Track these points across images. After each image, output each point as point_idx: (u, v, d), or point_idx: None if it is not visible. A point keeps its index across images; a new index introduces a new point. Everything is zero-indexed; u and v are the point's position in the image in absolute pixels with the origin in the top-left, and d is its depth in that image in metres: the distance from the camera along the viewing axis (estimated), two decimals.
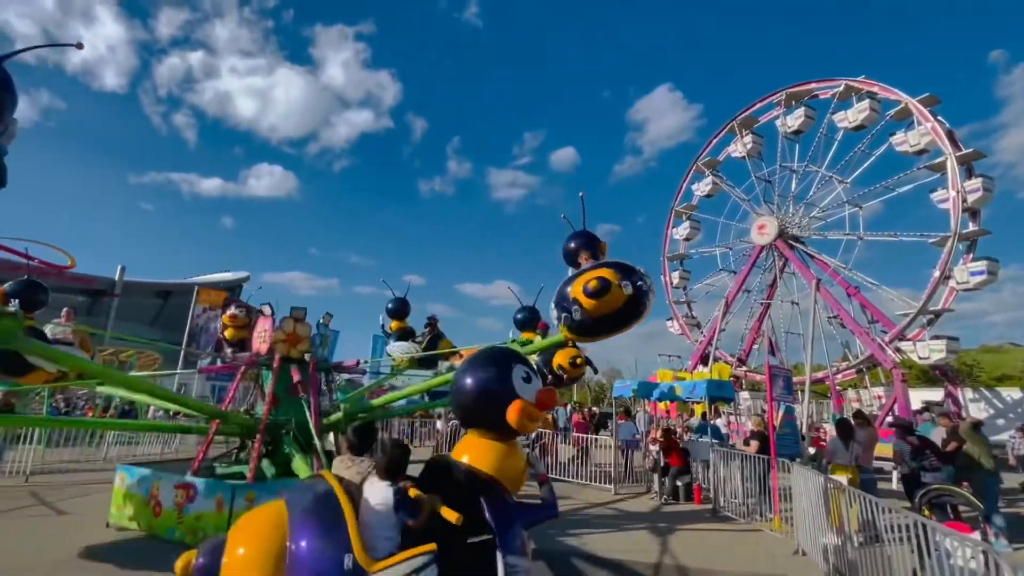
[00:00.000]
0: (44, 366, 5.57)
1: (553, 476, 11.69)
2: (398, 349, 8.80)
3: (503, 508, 2.94)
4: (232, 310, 8.57)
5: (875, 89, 25.27)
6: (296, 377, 6.89)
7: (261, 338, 6.87)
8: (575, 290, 4.30)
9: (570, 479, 11.48)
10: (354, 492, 2.80)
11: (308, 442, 6.75)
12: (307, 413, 6.72)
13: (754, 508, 8.31)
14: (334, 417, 7.05)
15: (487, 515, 2.83)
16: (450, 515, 2.67)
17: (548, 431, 12.45)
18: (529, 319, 8.97)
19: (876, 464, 9.43)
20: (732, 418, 17.55)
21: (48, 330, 6.31)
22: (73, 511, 7.51)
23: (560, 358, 7.06)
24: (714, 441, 9.75)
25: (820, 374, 25.61)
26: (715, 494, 9.03)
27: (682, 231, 33.27)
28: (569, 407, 18.35)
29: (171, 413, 17.00)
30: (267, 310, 7.09)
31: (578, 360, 6.84)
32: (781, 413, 8.61)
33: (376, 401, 8.96)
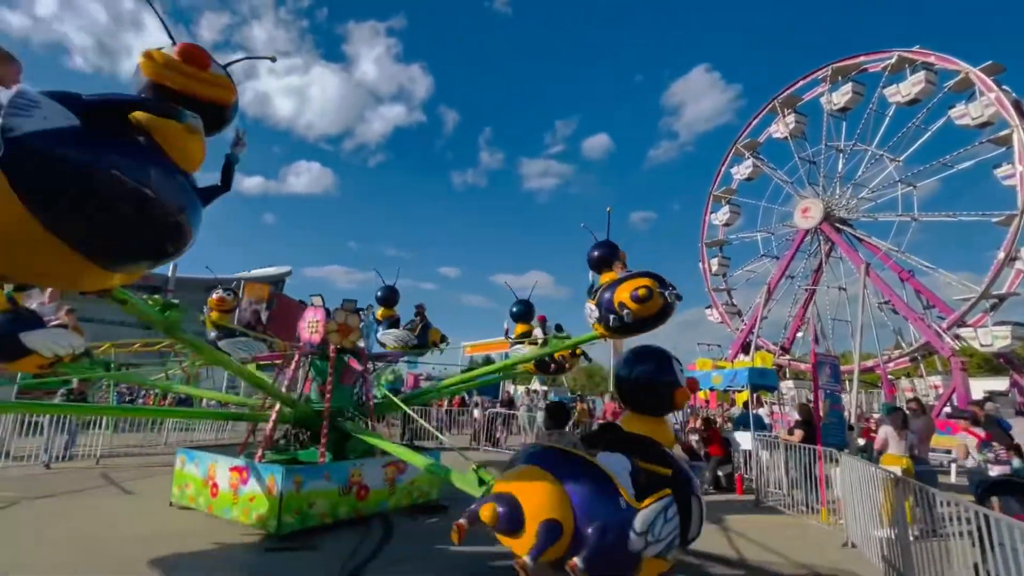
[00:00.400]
0: (41, 351, 5.20)
1: None
2: (392, 337, 9.02)
3: (682, 463, 3.88)
4: (219, 293, 8.60)
5: (931, 59, 23.66)
6: (357, 366, 7.27)
7: (313, 328, 7.11)
8: (622, 296, 5.00)
9: None
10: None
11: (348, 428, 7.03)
12: (351, 400, 7.00)
13: (800, 499, 8.08)
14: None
15: (677, 465, 3.72)
16: (661, 471, 3.50)
17: (586, 419, 12.45)
18: (524, 312, 9.55)
19: (934, 457, 8.99)
20: (775, 408, 17.04)
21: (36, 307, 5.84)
22: (139, 491, 8.05)
23: (620, 294, 6.09)
24: (757, 432, 9.51)
25: (870, 363, 24.49)
26: (758, 484, 8.83)
27: (721, 216, 32.25)
28: (607, 396, 18.24)
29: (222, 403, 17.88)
30: (317, 301, 7.34)
31: (640, 292, 5.41)
32: (828, 402, 8.30)
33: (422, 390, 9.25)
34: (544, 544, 2.85)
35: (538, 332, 9.25)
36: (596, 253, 5.70)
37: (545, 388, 30.46)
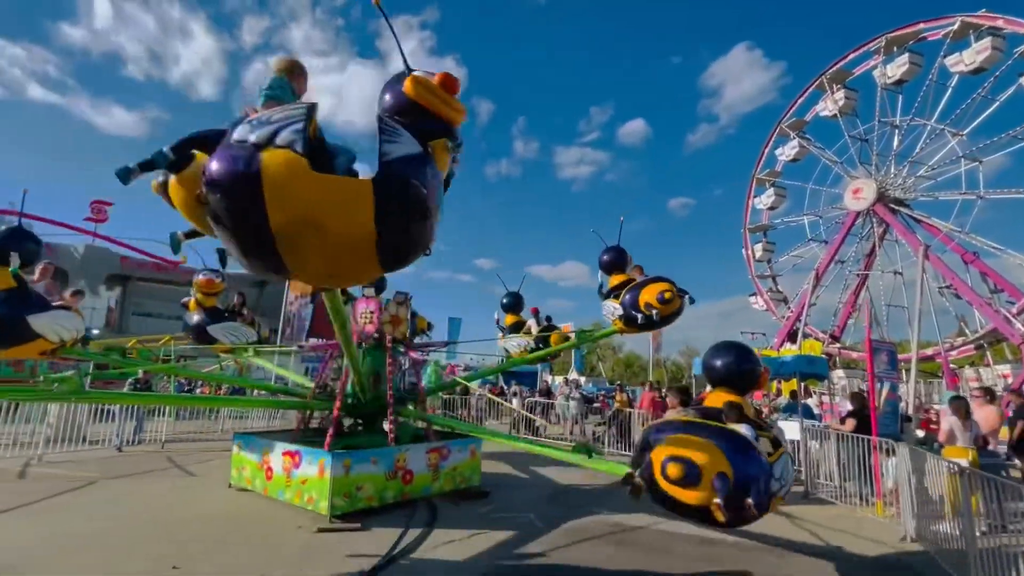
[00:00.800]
0: (48, 336, 5.17)
1: (629, 455, 11.60)
2: (514, 343, 9.25)
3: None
4: (208, 275, 8.59)
5: (998, 23, 21.88)
6: (417, 356, 7.58)
7: (367, 319, 7.34)
8: (649, 297, 6.07)
9: None
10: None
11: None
12: (396, 389, 7.22)
13: (852, 491, 7.77)
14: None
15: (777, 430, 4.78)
16: (768, 435, 4.27)
17: (626, 409, 12.34)
18: (514, 304, 10.08)
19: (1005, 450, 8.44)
20: (824, 398, 16.40)
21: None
22: (200, 473, 8.56)
23: (647, 295, 6.50)
24: (807, 422, 9.18)
25: (930, 351, 23.19)
26: (807, 475, 8.54)
27: (765, 200, 31.03)
28: (646, 386, 18.01)
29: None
30: (370, 292, 7.58)
31: (667, 295, 6.22)
32: (885, 391, 7.92)
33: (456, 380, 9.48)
34: (723, 492, 3.61)
35: (532, 323, 9.54)
36: (607, 257, 6.67)
37: (583, 378, 30.37)
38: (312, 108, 3.01)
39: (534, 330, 9.42)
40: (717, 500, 3.60)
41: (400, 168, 2.90)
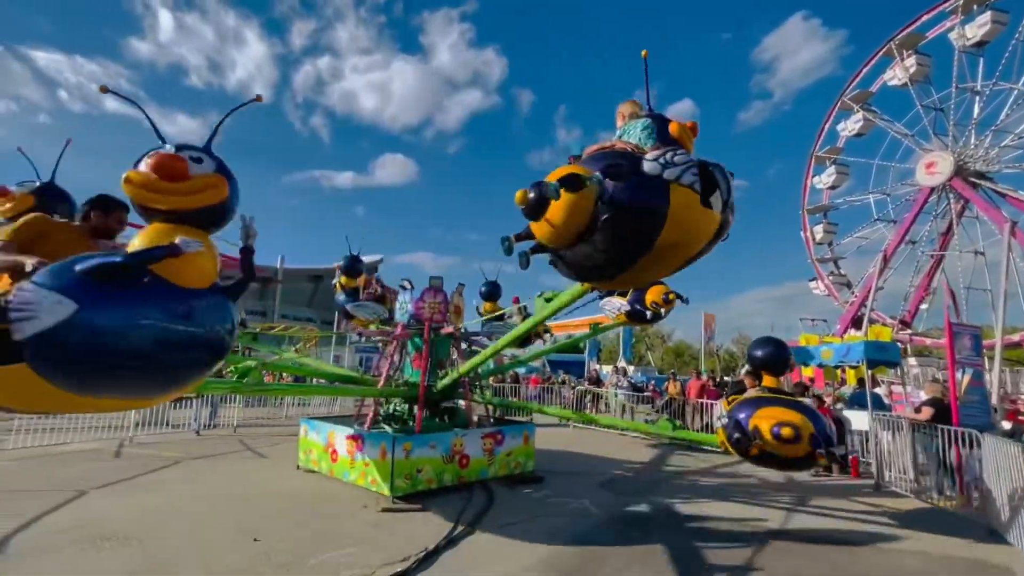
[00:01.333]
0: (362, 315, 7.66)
1: (682, 444, 11.39)
2: (614, 306, 9.02)
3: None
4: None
5: None
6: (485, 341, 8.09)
7: (434, 308, 7.59)
8: (654, 297, 7.68)
9: (701, 448, 11.10)
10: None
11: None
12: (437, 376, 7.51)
13: (929, 484, 7.31)
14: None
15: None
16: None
17: (678, 398, 12.10)
18: (492, 292, 10.15)
19: None
20: (895, 387, 15.42)
21: None
22: (271, 456, 9.12)
23: (652, 295, 8.00)
24: (877, 412, 8.67)
25: (1016, 336, 21.30)
26: (879, 467, 8.09)
27: (826, 178, 29.16)
28: (695, 374, 17.56)
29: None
30: (407, 284, 7.79)
31: (670, 296, 7.87)
32: (967, 378, 7.37)
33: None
34: (816, 446, 4.83)
35: (514, 310, 9.56)
36: (759, 352, 6.67)
37: (631, 367, 29.94)
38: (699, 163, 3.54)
39: (516, 320, 9.42)
40: (820, 451, 4.82)
41: (52, 339, 2.52)
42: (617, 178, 3.47)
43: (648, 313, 8.11)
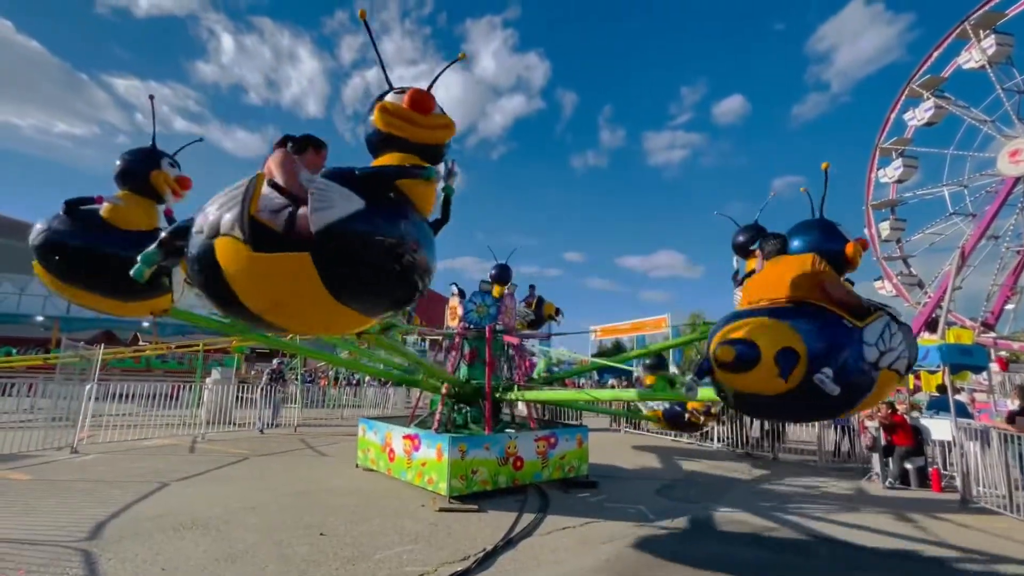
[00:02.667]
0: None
1: (743, 450, 10.94)
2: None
3: None
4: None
5: None
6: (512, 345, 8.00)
7: (509, 315, 7.75)
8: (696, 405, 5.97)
9: (763, 453, 10.62)
10: None
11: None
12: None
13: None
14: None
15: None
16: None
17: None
18: (502, 275, 9.11)
19: None
20: (977, 395, 14.20)
21: None
22: (331, 454, 9.47)
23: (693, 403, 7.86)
24: (961, 420, 8.01)
25: None
26: (965, 481, 7.46)
27: (892, 172, 27.38)
28: None
29: (382, 381, 20.24)
30: (454, 289, 7.95)
31: (712, 410, 7.96)
32: None
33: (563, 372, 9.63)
34: (786, 368, 3.24)
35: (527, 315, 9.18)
36: (742, 238, 5.49)
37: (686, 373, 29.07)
38: (251, 183, 2.89)
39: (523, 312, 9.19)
40: (815, 376, 3.16)
41: (339, 231, 2.71)
42: (835, 366, 3.24)
43: (686, 416, 8.31)
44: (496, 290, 10.10)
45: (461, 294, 8.20)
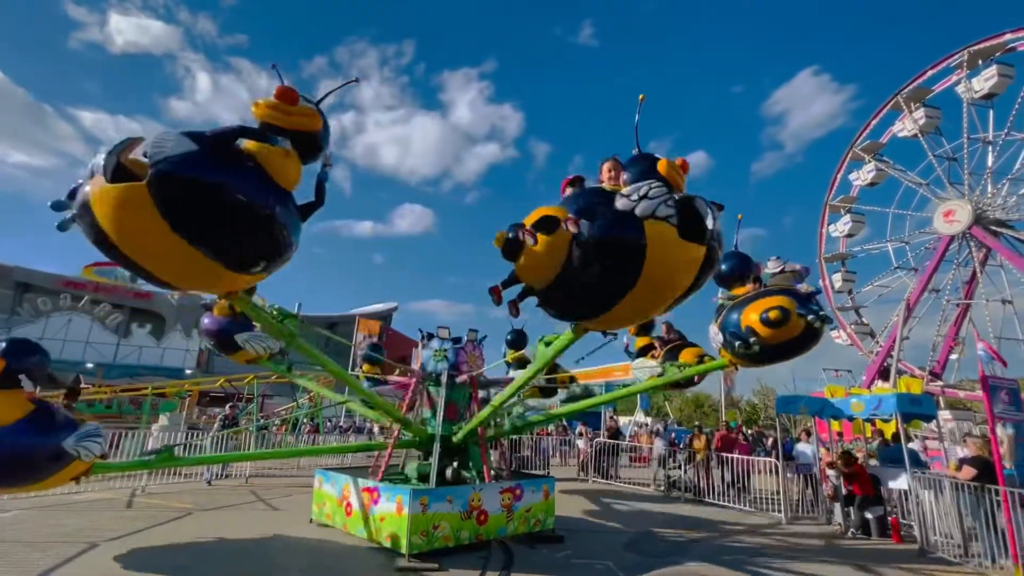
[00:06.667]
0: (246, 348, 7.47)
1: (709, 500, 10.86)
2: (642, 368, 8.64)
3: None
4: None
5: None
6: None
7: (440, 357, 7.55)
8: (749, 318, 4.63)
9: (729, 504, 10.56)
10: None
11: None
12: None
13: (981, 551, 6.80)
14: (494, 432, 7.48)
15: None
16: None
17: (703, 451, 11.66)
18: (517, 340, 9.66)
19: None
20: (929, 442, 14.69)
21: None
22: (283, 508, 8.88)
23: (686, 358, 7.05)
24: (916, 470, 8.22)
25: None
26: (923, 531, 7.58)
27: (841, 227, 29.18)
28: (724, 426, 16.96)
29: (343, 428, 19.43)
30: (444, 333, 7.81)
31: (705, 359, 6.85)
32: (1011, 434, 7.01)
33: (534, 417, 9.41)
34: (806, 314, 4.39)
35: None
36: (724, 266, 5.27)
37: (649, 419, 29.08)
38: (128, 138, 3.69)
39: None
40: (812, 317, 4.34)
41: (171, 168, 3.38)
42: (591, 217, 3.53)
43: (736, 344, 7.01)
44: (511, 355, 9.97)
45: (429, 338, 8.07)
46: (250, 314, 5.83)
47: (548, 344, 6.29)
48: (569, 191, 4.34)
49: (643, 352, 8.60)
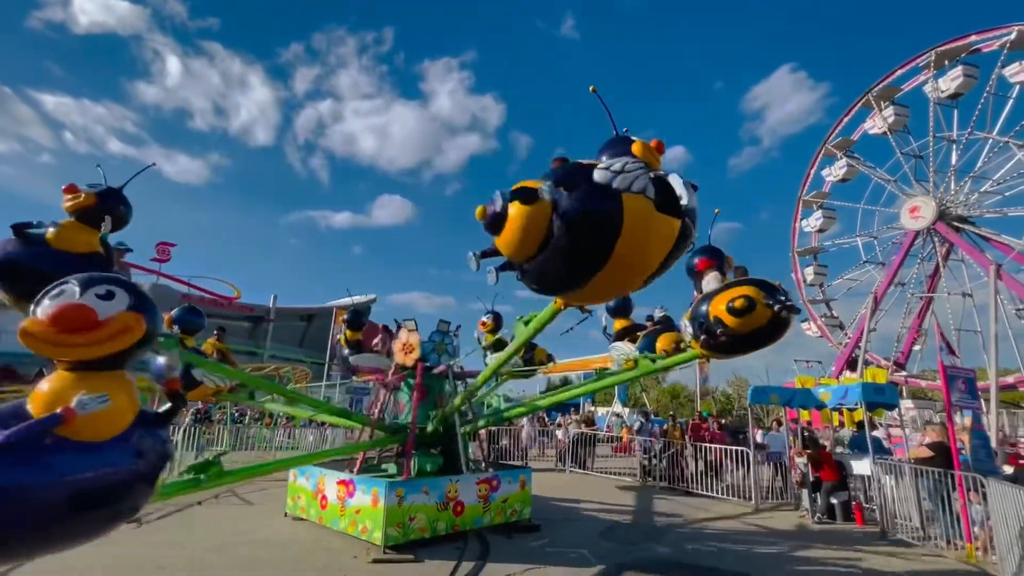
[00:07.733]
0: (208, 382, 7.24)
1: (682, 488, 11.10)
2: (619, 350, 8.47)
3: None
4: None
5: None
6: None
7: (408, 350, 7.48)
8: (717, 308, 4.59)
9: (702, 492, 10.82)
10: None
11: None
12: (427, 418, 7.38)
13: (937, 533, 7.12)
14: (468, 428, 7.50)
15: None
16: None
17: (678, 441, 11.89)
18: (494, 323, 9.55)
19: None
20: (893, 430, 15.27)
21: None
22: (258, 502, 8.77)
23: (663, 343, 6.93)
24: (879, 456, 8.55)
25: (1011, 378, 21.35)
26: (884, 514, 7.90)
27: (813, 222, 29.90)
28: (697, 415, 17.34)
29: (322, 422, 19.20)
30: (410, 325, 7.72)
31: (682, 344, 6.46)
32: (968, 421, 7.33)
33: (512, 411, 9.46)
34: (773, 305, 4.31)
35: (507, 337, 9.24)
36: (696, 260, 5.30)
37: (626, 410, 29.52)
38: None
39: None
40: (778, 307, 4.27)
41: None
42: (569, 188, 3.54)
43: (702, 336, 6.88)
44: (488, 338, 9.88)
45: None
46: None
47: (527, 323, 6.19)
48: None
49: (621, 336, 8.63)
